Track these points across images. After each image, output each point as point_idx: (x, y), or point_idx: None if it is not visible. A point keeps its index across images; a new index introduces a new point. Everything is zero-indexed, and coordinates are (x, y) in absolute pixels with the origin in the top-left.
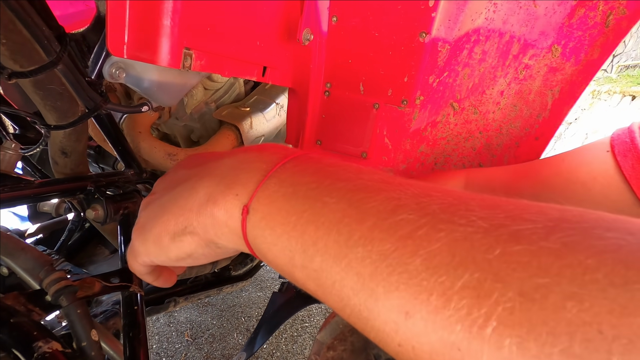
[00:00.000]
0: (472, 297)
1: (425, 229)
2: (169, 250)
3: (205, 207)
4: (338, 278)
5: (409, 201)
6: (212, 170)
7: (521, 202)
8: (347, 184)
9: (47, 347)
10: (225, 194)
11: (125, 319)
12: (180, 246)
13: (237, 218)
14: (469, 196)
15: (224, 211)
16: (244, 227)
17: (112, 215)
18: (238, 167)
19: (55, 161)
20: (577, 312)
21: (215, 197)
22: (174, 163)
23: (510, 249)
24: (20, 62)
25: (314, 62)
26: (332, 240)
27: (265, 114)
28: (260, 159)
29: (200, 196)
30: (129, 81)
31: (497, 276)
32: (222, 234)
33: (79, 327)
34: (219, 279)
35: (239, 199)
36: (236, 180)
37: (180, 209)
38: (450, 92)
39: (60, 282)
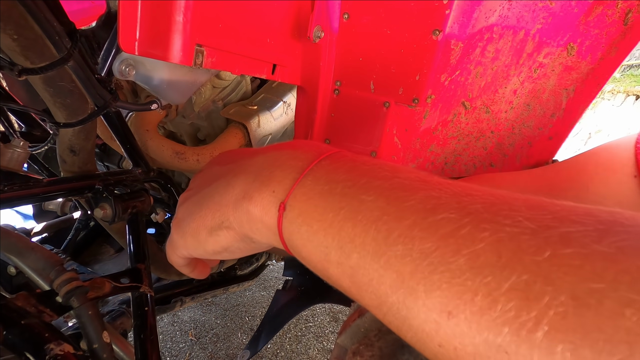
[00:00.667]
0: (521, 299)
1: (468, 228)
2: (206, 244)
3: (241, 203)
4: (376, 275)
5: (450, 200)
6: (247, 167)
7: (567, 203)
8: (384, 182)
9: (59, 349)
10: (261, 190)
11: (136, 320)
12: (217, 240)
13: (273, 214)
14: (513, 196)
15: (259, 208)
16: (280, 223)
17: (121, 214)
18: (273, 164)
19: (63, 159)
20: (637, 320)
21: (251, 193)
22: (182, 162)
23: (561, 251)
24: (31, 59)
25: (324, 60)
26: (370, 237)
27: (272, 113)
28: (295, 157)
29: (236, 192)
30: (138, 79)
31: (548, 279)
32: (257, 230)
33: (90, 329)
34: (225, 278)
35: (275, 196)
36: (272, 177)
37: (216, 205)
38: (462, 91)
39: (71, 283)
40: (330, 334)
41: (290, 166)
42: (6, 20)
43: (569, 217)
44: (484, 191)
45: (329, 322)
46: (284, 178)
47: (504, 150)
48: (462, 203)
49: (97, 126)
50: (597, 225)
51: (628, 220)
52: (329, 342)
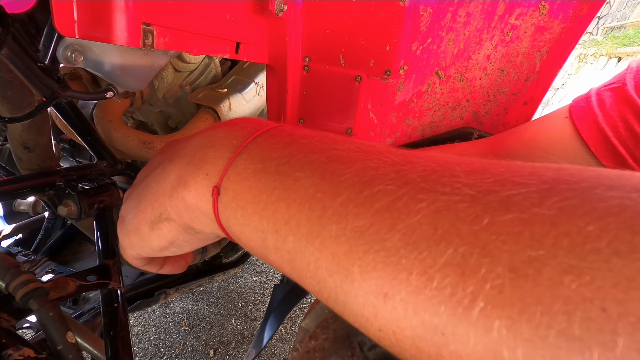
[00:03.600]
0: (457, 275)
1: (404, 200)
2: (150, 240)
3: (177, 190)
4: (312, 259)
5: (388, 170)
6: (181, 150)
7: (513, 163)
8: (320, 156)
9: (17, 354)
10: (194, 174)
11: (105, 318)
12: (160, 234)
13: (208, 200)
14: (455, 161)
15: (194, 193)
16: (215, 209)
17: (87, 210)
18: (206, 145)
19: (18, 157)
20: (577, 288)
21: (185, 178)
22: (151, 152)
23: (500, 218)
24: None
25: (290, 35)
26: (304, 217)
27: (244, 95)
28: (229, 135)
29: (171, 179)
30: (88, 65)
31: (485, 250)
32: (196, 218)
33: (52, 331)
34: (210, 267)
35: (208, 179)
36: (205, 159)
37: (153, 195)
38: (435, 60)
39: (28, 285)
40: None
41: (224, 145)
42: None
43: (511, 179)
44: (428, 157)
45: None
46: (218, 159)
47: (480, 119)
48: (401, 172)
49: (58, 120)
50: (540, 185)
51: (573, 176)
52: None
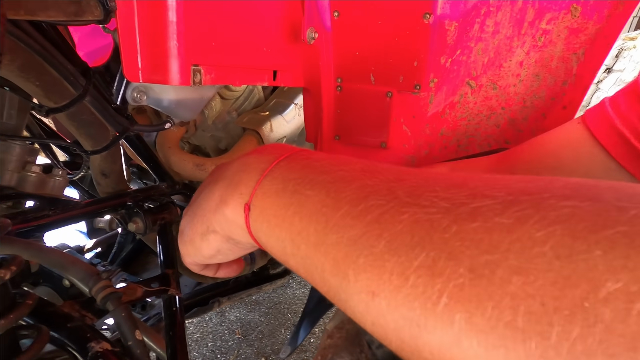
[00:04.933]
0: (427, 275)
1: (390, 212)
2: (201, 249)
3: (219, 207)
4: (319, 263)
5: (381, 187)
6: (223, 173)
7: (493, 177)
8: (327, 176)
9: (98, 347)
10: (232, 194)
11: (165, 320)
12: (208, 244)
13: (242, 215)
14: (438, 177)
15: (231, 209)
16: (247, 222)
17: (151, 226)
18: (241, 169)
19: (97, 182)
20: (522, 286)
21: (225, 198)
22: (203, 173)
23: (467, 226)
24: (53, 99)
25: (323, 59)
26: (312, 228)
27: (284, 116)
28: (259, 160)
29: (215, 198)
30: (150, 102)
31: (451, 254)
32: (234, 230)
33: (124, 328)
34: (258, 278)
35: (242, 198)
36: (240, 181)
37: (203, 211)
38: (465, 70)
39: (106, 290)
40: None
41: (254, 169)
42: (27, 70)
43: (483, 192)
44: (417, 174)
45: None
46: (249, 180)
47: (517, 126)
48: (391, 189)
49: (126, 149)
50: (506, 197)
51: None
52: None
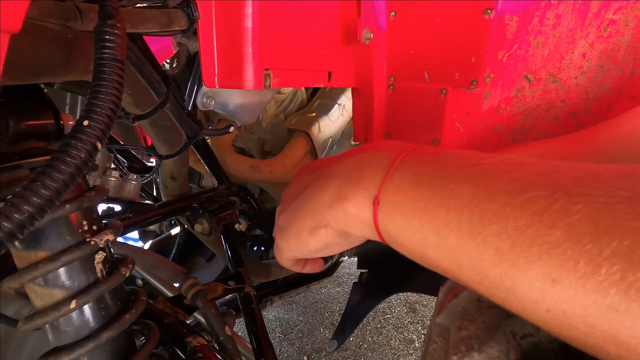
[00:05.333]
0: (625, 263)
1: (560, 203)
2: (308, 244)
3: (337, 203)
4: (475, 253)
5: (537, 179)
6: (335, 171)
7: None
8: (470, 170)
9: (196, 341)
10: (355, 190)
11: (245, 317)
12: (318, 239)
13: (368, 209)
14: (600, 168)
15: (354, 205)
16: (376, 216)
17: (215, 227)
18: (360, 165)
19: (165, 185)
20: None
21: (345, 193)
22: (257, 174)
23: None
24: (140, 107)
25: (376, 59)
26: (464, 220)
27: (330, 116)
28: (379, 157)
29: (330, 194)
30: (217, 107)
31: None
32: (353, 225)
33: (215, 325)
34: (303, 277)
35: (368, 192)
36: (362, 177)
37: (313, 207)
38: (523, 65)
39: (194, 287)
40: (409, 325)
41: (377, 165)
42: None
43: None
44: (570, 166)
45: (407, 312)
46: (374, 176)
47: (579, 119)
48: (550, 180)
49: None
50: None
51: None
52: (409, 333)
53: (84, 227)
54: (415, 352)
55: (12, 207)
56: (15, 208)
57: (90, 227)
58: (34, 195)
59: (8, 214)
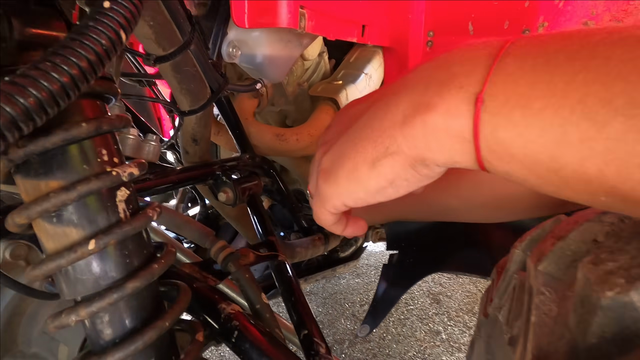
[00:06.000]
0: None
1: None
2: (368, 181)
3: (413, 117)
4: None
5: None
6: (407, 82)
7: None
8: (602, 38)
9: (230, 308)
10: (442, 92)
11: (281, 287)
12: (381, 172)
13: (464, 114)
14: None
15: (442, 113)
16: (477, 121)
17: (240, 196)
18: (445, 65)
19: (186, 151)
20: None
21: (426, 102)
22: (283, 143)
23: None
24: (162, 45)
25: (414, 12)
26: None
27: (357, 85)
28: (473, 50)
29: (402, 110)
30: (243, 60)
31: None
32: (437, 144)
33: (250, 291)
34: (328, 261)
35: (466, 91)
36: (452, 76)
37: (377, 132)
38: (582, 10)
39: (226, 250)
40: (434, 316)
41: (473, 58)
42: (144, 8)
43: None
44: None
45: (431, 304)
46: (471, 71)
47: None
48: None
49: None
50: None
51: None
52: (435, 324)
53: (103, 156)
54: (443, 343)
55: (15, 88)
56: (19, 89)
57: (110, 159)
58: (43, 77)
59: (10, 94)
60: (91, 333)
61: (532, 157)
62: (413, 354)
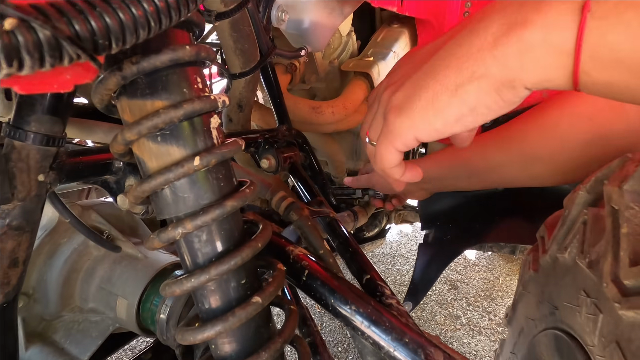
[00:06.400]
0: None
1: None
2: (448, 109)
3: (507, 36)
4: None
5: None
6: (492, 8)
7: None
8: None
9: (297, 250)
10: (539, 8)
11: (335, 241)
12: (464, 98)
13: (567, 25)
14: None
15: (540, 27)
16: (583, 28)
17: (282, 164)
18: None
19: (230, 118)
20: None
21: (522, 19)
22: (319, 116)
23: None
24: (224, 1)
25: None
26: None
27: (387, 62)
28: None
29: (493, 31)
30: (290, 26)
31: None
32: (532, 59)
33: (312, 238)
34: (357, 240)
35: (571, 2)
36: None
37: (463, 57)
38: None
39: (287, 199)
40: (453, 301)
41: None
42: None
43: None
44: None
45: (449, 290)
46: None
47: None
48: None
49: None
50: None
51: None
52: (454, 309)
53: (198, 84)
54: (463, 327)
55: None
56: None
57: (203, 88)
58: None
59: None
60: (187, 253)
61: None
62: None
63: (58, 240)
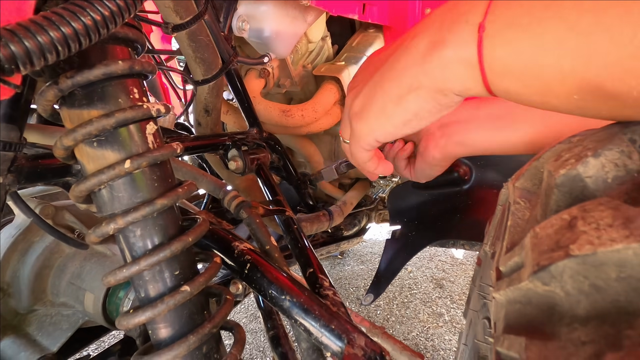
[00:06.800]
0: None
1: None
2: (394, 116)
3: (430, 54)
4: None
5: None
6: (423, 26)
7: None
8: None
9: (242, 246)
10: (451, 29)
11: (288, 237)
12: (406, 107)
13: (470, 43)
14: None
15: (453, 46)
16: (480, 47)
17: (249, 165)
18: (454, 7)
19: (198, 122)
20: None
21: (441, 39)
22: (289, 119)
23: None
24: (180, 14)
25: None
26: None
27: (358, 66)
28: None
29: (421, 49)
30: (252, 35)
31: None
32: (452, 73)
33: (260, 234)
34: (333, 238)
35: (470, 24)
36: (459, 14)
37: (400, 71)
38: None
39: (238, 199)
40: (437, 299)
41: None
42: None
43: None
44: None
45: (434, 288)
46: (474, 6)
47: None
48: None
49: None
50: None
51: None
52: (438, 307)
53: (134, 94)
54: (446, 324)
55: (50, 20)
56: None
57: (140, 98)
58: (80, 12)
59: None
60: (125, 247)
61: (522, 67)
62: (416, 334)
63: (31, 239)
